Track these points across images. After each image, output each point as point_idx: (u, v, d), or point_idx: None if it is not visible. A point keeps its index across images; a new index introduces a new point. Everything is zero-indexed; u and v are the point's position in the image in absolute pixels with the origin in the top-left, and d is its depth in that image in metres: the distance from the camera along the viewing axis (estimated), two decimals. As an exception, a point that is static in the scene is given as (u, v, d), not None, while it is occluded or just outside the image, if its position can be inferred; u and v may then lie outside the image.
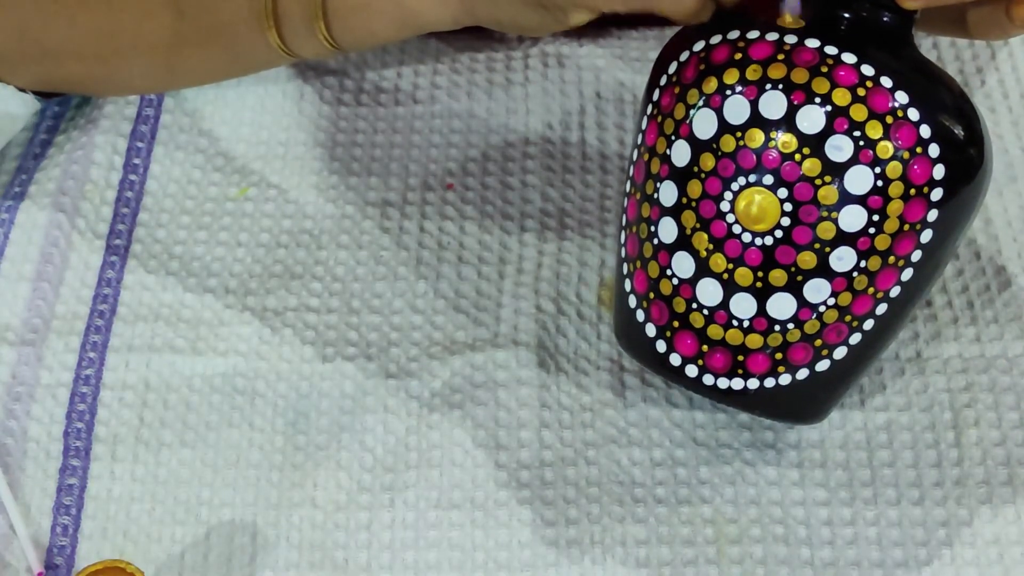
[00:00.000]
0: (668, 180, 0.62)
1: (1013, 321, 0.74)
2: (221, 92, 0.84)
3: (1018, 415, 0.70)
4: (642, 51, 0.86)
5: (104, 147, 0.80)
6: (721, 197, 0.61)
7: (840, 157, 0.59)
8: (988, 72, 0.85)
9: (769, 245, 0.61)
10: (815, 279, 0.61)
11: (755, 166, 0.60)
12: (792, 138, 0.59)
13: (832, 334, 0.63)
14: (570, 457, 0.69)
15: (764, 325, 0.62)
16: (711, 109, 0.60)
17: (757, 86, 0.59)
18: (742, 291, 0.62)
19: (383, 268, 0.77)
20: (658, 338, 0.65)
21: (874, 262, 0.61)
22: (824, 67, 0.59)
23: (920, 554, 0.66)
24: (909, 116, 0.59)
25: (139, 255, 0.77)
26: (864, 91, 0.59)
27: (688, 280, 0.63)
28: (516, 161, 0.81)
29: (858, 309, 0.62)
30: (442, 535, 0.67)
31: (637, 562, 0.66)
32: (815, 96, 0.59)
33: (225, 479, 0.69)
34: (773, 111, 0.59)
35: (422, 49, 0.87)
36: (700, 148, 0.61)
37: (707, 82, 0.61)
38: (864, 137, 0.59)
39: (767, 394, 0.64)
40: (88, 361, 0.72)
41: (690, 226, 0.62)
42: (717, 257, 0.62)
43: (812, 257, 0.60)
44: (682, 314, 0.63)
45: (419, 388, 0.72)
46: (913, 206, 0.60)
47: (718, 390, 0.64)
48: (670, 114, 0.62)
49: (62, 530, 0.67)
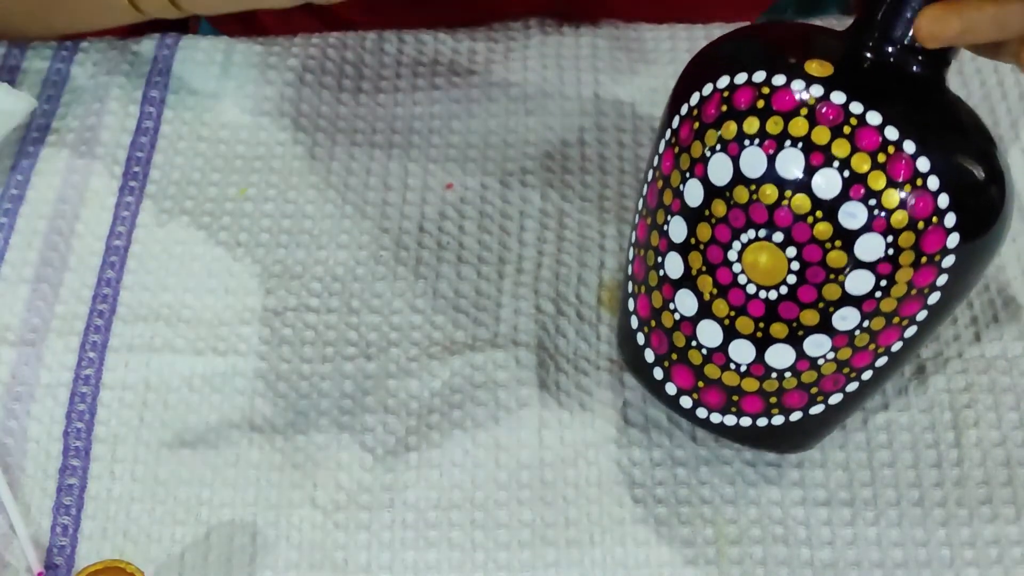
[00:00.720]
0: (679, 216, 0.61)
1: (1013, 321, 0.74)
2: (221, 92, 0.84)
3: (1018, 415, 0.71)
4: (642, 52, 0.86)
5: (105, 158, 0.80)
6: (729, 246, 0.60)
7: (853, 224, 0.57)
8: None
9: (773, 300, 0.60)
10: (816, 335, 0.60)
11: (766, 222, 0.58)
12: (806, 200, 0.57)
13: (829, 383, 0.62)
14: (570, 457, 0.69)
15: (761, 371, 0.62)
16: (728, 156, 0.59)
17: (777, 141, 0.58)
18: (742, 338, 0.61)
19: (383, 268, 0.77)
20: (656, 365, 0.65)
21: (878, 322, 0.60)
22: (847, 127, 0.57)
23: (920, 554, 0.66)
24: (928, 185, 0.57)
25: (138, 255, 0.77)
26: (884, 157, 0.57)
27: (690, 318, 0.62)
28: (516, 161, 0.81)
29: (857, 363, 0.62)
30: (442, 535, 0.67)
31: (637, 562, 0.66)
32: (834, 160, 0.57)
33: (225, 479, 0.69)
34: (790, 170, 0.57)
35: (422, 49, 0.87)
36: (713, 193, 0.59)
37: (726, 126, 0.59)
38: (879, 206, 0.57)
39: (758, 431, 0.64)
40: (88, 361, 0.72)
41: (696, 267, 0.61)
42: (720, 303, 0.61)
43: (815, 315, 0.59)
44: (681, 348, 0.63)
45: (419, 388, 0.72)
46: (923, 273, 0.58)
47: (711, 423, 0.65)
48: (687, 149, 0.60)
49: (62, 530, 0.67)
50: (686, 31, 0.87)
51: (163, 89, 0.84)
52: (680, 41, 0.87)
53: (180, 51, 0.86)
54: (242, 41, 0.86)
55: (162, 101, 0.84)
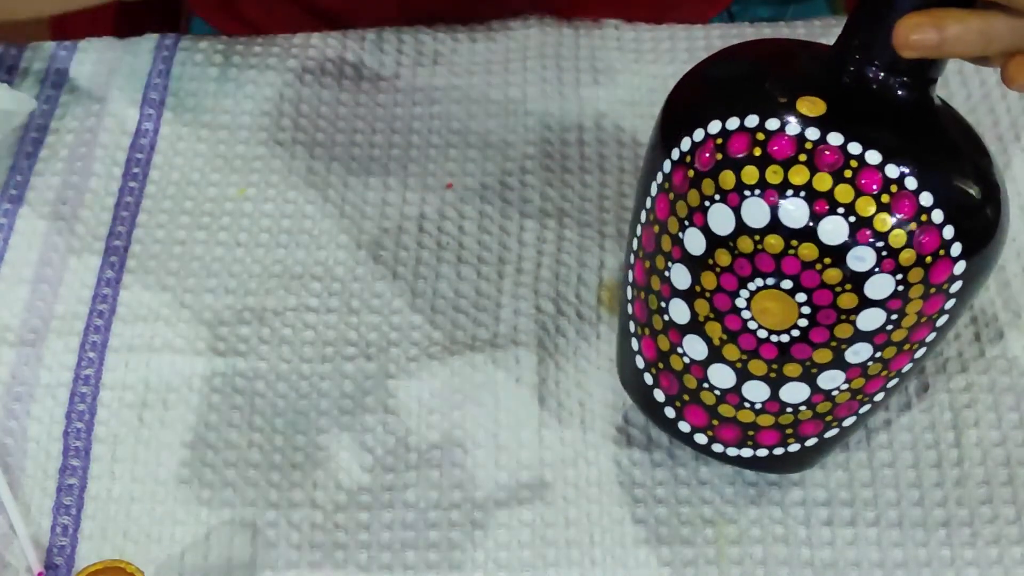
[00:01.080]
0: (680, 264, 0.60)
1: (1013, 321, 0.74)
2: (221, 92, 0.84)
3: (1018, 415, 0.71)
4: (641, 51, 0.86)
5: (104, 158, 0.80)
6: (737, 294, 0.59)
7: (862, 267, 0.56)
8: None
9: (785, 342, 0.59)
10: (830, 371, 0.60)
11: (773, 270, 0.57)
12: (814, 248, 0.56)
13: (843, 410, 0.63)
14: (570, 457, 0.69)
15: (776, 408, 0.62)
16: (728, 207, 0.57)
17: (778, 191, 0.56)
18: (756, 379, 0.61)
19: (383, 268, 0.77)
20: (667, 405, 0.65)
21: (889, 351, 0.60)
22: (848, 171, 0.56)
23: (920, 554, 0.66)
24: (933, 219, 0.56)
25: (138, 255, 0.77)
26: (888, 197, 0.56)
27: (700, 362, 0.62)
28: (515, 161, 0.81)
29: (870, 389, 0.62)
30: (442, 535, 0.67)
31: (637, 562, 0.66)
32: (838, 206, 0.56)
33: (225, 479, 0.69)
34: (795, 219, 0.56)
35: (421, 49, 0.87)
36: (716, 243, 0.58)
37: (724, 176, 0.58)
38: (887, 247, 0.56)
39: (774, 459, 0.65)
40: (88, 361, 0.72)
41: (703, 314, 0.60)
42: (731, 347, 0.60)
43: (828, 353, 0.59)
44: (693, 390, 0.63)
45: (419, 388, 0.72)
46: (932, 302, 0.58)
47: (727, 456, 0.65)
48: (683, 197, 0.59)
49: (62, 530, 0.67)
50: (686, 31, 0.87)
51: (163, 89, 0.84)
52: (680, 41, 0.87)
53: (180, 51, 0.86)
54: (242, 41, 0.86)
55: (162, 101, 0.83)
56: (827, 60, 0.59)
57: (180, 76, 0.85)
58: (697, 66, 0.63)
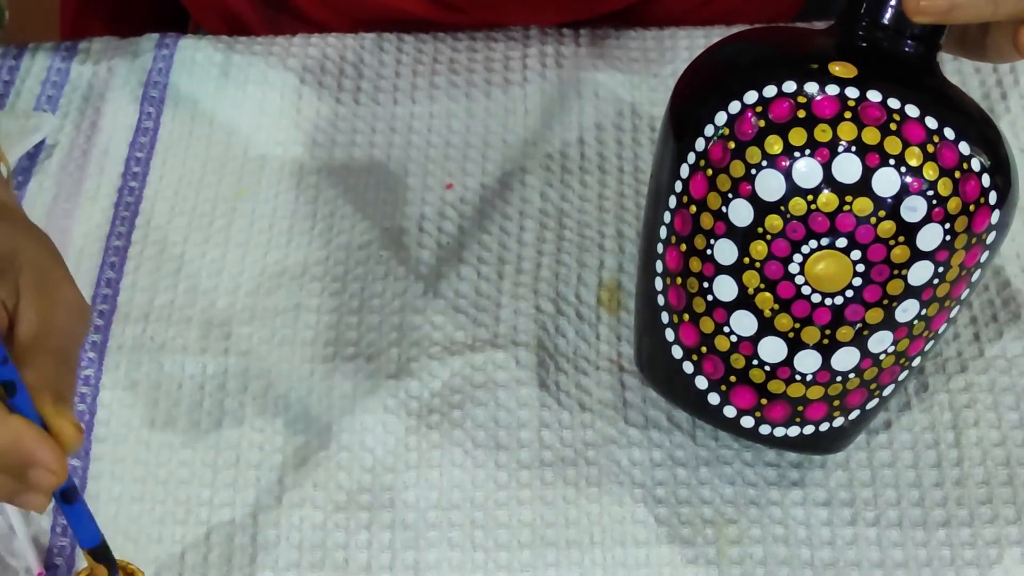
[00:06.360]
0: (725, 238, 0.61)
1: (1012, 321, 0.74)
2: (221, 92, 0.84)
3: (1018, 415, 0.71)
4: (641, 51, 0.86)
5: (104, 158, 0.80)
6: (790, 259, 0.59)
7: (915, 218, 0.58)
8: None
9: (839, 304, 0.60)
10: (880, 332, 0.61)
11: (828, 230, 0.58)
12: (868, 202, 0.58)
13: (887, 376, 0.63)
14: (570, 457, 0.69)
15: (827, 377, 0.62)
16: (777, 171, 0.59)
17: (829, 148, 0.58)
18: (808, 348, 0.61)
19: (382, 268, 0.77)
20: (711, 391, 0.64)
21: (932, 308, 0.61)
22: (893, 124, 0.58)
23: (920, 554, 0.66)
24: (973, 167, 0.58)
25: (138, 255, 0.77)
26: (933, 147, 0.58)
27: (749, 338, 0.62)
28: (515, 161, 0.81)
29: (912, 351, 0.63)
30: (442, 535, 0.67)
31: (637, 562, 0.66)
32: (889, 157, 0.58)
33: (225, 479, 0.69)
34: (848, 174, 0.58)
35: (421, 49, 0.87)
36: (765, 209, 0.59)
37: (770, 142, 0.59)
38: (937, 196, 0.58)
39: (818, 436, 0.65)
40: (88, 361, 0.72)
41: (753, 286, 0.61)
42: (783, 317, 0.61)
43: (880, 313, 0.60)
44: (740, 370, 0.63)
45: (419, 388, 0.72)
46: (972, 252, 0.60)
47: (773, 438, 0.65)
48: (724, 170, 0.60)
49: (62, 530, 0.67)
50: (685, 31, 0.87)
51: (163, 89, 0.84)
52: (680, 40, 0.87)
53: (180, 51, 0.86)
54: (242, 41, 0.87)
55: (162, 101, 0.84)
56: (835, 32, 0.62)
57: (180, 76, 0.85)
58: (707, 51, 0.65)
